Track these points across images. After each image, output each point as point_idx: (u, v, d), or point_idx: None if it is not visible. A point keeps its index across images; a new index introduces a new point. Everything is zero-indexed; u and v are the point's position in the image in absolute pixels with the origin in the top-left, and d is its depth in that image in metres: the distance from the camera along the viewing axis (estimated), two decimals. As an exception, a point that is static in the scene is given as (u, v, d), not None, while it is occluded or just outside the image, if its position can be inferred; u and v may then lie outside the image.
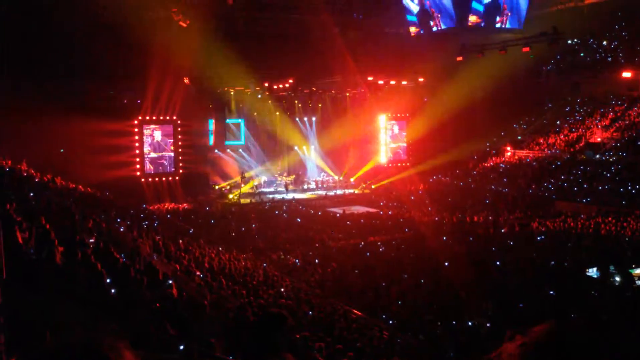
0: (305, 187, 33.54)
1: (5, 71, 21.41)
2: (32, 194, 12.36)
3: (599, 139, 31.00)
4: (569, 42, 36.70)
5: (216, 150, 32.40)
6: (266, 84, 32.03)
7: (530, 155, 32.88)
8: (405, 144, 38.01)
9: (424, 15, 26.22)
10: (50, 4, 21.38)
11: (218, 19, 25.58)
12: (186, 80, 28.55)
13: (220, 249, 16.93)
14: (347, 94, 35.87)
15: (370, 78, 32.77)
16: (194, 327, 6.56)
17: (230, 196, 30.34)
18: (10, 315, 3.91)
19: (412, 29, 25.50)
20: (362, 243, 19.60)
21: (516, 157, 33.61)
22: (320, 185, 33.64)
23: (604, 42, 36.63)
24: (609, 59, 35.93)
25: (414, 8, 29.11)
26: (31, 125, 22.45)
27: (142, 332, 5.53)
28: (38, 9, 21.26)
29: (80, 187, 19.22)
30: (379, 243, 19.52)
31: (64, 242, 7.56)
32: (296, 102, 35.25)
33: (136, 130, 29.06)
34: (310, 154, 36.36)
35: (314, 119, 36.30)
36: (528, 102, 37.09)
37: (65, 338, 1.25)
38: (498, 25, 27.75)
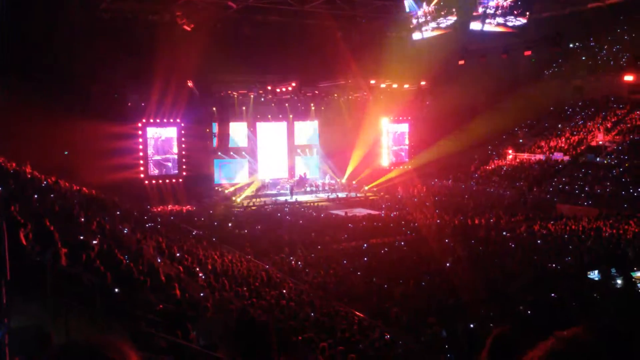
0: (308, 189, 33.62)
1: (9, 73, 21.51)
2: (36, 196, 12.44)
3: (600, 142, 31.00)
4: (571, 45, 36.72)
5: (219, 153, 32.49)
6: (269, 87, 32.17)
7: (532, 158, 32.87)
8: (407, 147, 38.12)
9: (427, 18, 26.19)
10: (54, 5, 21.49)
11: (222, 23, 25.72)
12: (190, 84, 28.66)
13: (223, 250, 17.01)
14: (350, 97, 35.99)
15: (372, 81, 32.84)
16: (197, 328, 6.64)
17: (233, 198, 30.44)
18: (14, 317, 3.98)
19: (415, 33, 25.50)
20: (365, 245, 19.64)
21: (518, 160, 33.60)
22: (322, 188, 33.71)
23: (606, 46, 36.64)
24: (611, 63, 35.95)
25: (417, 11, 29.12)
26: (35, 127, 22.49)
27: (145, 333, 5.61)
28: (42, 10, 21.35)
29: (84, 189, 19.30)
30: (381, 245, 19.56)
31: (68, 244, 7.64)
32: (299, 105, 35.39)
33: (140, 132, 29.19)
34: (313, 157, 36.47)
35: (316, 121, 36.42)
36: (530, 105, 37.10)
37: (69, 339, 1.25)
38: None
